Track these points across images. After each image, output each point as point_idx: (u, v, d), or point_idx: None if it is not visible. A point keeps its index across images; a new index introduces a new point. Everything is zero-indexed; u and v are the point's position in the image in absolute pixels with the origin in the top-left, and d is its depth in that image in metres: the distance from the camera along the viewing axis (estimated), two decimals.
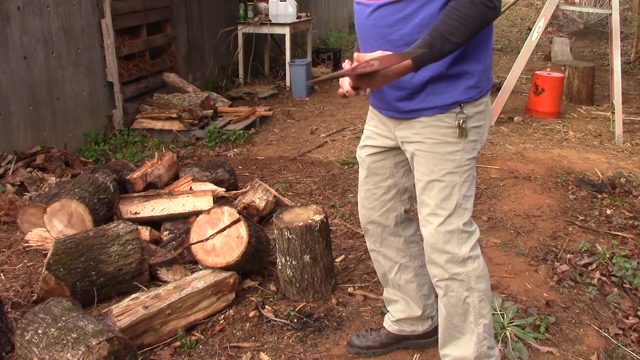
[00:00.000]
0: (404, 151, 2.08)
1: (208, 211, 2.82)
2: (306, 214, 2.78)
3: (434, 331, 2.43)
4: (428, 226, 2.01)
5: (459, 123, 1.91)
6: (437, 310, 2.47)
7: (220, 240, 2.75)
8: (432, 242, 2.00)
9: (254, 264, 2.92)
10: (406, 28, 1.84)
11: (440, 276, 2.03)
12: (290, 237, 2.69)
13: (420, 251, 2.31)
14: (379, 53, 1.75)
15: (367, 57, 1.74)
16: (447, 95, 1.90)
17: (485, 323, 2.06)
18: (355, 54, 1.80)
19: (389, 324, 2.44)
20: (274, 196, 3.75)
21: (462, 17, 1.73)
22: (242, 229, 2.74)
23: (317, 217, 2.73)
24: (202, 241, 2.76)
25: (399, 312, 2.40)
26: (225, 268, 2.73)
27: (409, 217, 2.28)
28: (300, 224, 2.69)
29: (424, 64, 1.77)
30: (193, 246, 2.78)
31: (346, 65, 1.88)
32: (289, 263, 2.74)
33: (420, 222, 2.05)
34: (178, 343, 2.49)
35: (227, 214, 2.78)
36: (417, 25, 1.83)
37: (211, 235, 2.76)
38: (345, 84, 1.93)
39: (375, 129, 2.16)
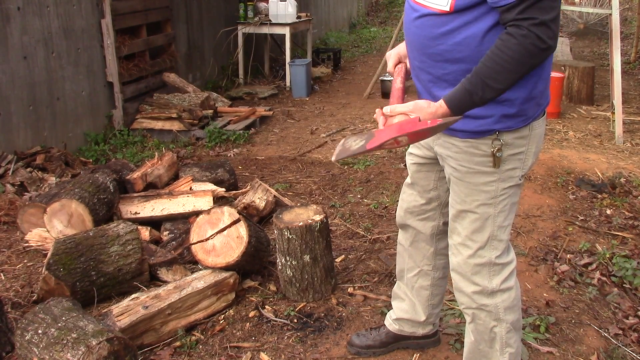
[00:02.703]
0: (443, 168, 1.99)
1: (208, 211, 2.82)
2: (306, 214, 2.78)
3: (434, 333, 2.43)
4: (457, 255, 1.93)
5: (492, 151, 1.76)
6: (440, 318, 2.47)
7: (220, 240, 2.75)
8: (460, 271, 1.93)
9: (254, 264, 2.92)
10: (446, 44, 1.69)
11: (468, 305, 1.96)
12: (290, 237, 2.69)
13: (445, 264, 2.26)
14: (410, 106, 1.63)
15: (395, 118, 1.63)
16: (480, 121, 1.75)
17: (511, 352, 1.99)
18: (382, 110, 1.68)
19: (390, 323, 2.41)
20: (274, 196, 3.75)
21: (507, 61, 1.54)
22: (242, 229, 2.74)
23: (317, 217, 2.73)
24: (202, 241, 2.76)
25: (402, 312, 2.36)
26: (225, 268, 2.73)
27: (447, 229, 2.18)
28: (300, 224, 2.68)
29: (465, 111, 1.63)
30: (193, 246, 2.78)
31: (379, 118, 1.71)
32: (289, 263, 2.74)
33: (450, 248, 1.97)
34: (178, 343, 2.49)
35: (227, 214, 2.78)
36: (458, 44, 1.67)
37: (211, 235, 2.76)
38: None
39: None
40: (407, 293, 2.33)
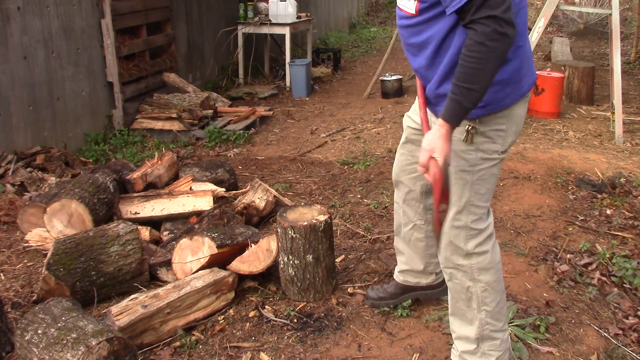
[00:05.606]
0: None
1: (190, 237, 2.82)
2: (310, 214, 2.78)
3: (439, 284, 2.60)
4: None
5: (467, 128, 1.93)
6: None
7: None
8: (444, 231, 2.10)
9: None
10: (422, 59, 1.94)
11: (445, 264, 2.14)
12: (294, 236, 2.68)
13: None
14: (426, 147, 1.83)
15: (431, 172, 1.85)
16: None
17: (488, 310, 2.12)
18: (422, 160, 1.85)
19: (396, 274, 2.66)
20: (274, 196, 3.75)
21: (475, 62, 1.69)
22: (272, 243, 2.80)
23: (322, 218, 2.73)
24: (182, 263, 2.76)
25: (403, 264, 2.61)
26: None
27: None
28: (305, 223, 2.68)
29: (462, 118, 1.81)
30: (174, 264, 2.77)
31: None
32: (291, 262, 2.74)
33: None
34: (178, 343, 2.48)
35: (207, 246, 2.78)
36: (429, 57, 1.90)
37: (190, 261, 2.75)
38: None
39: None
40: (404, 247, 2.56)
